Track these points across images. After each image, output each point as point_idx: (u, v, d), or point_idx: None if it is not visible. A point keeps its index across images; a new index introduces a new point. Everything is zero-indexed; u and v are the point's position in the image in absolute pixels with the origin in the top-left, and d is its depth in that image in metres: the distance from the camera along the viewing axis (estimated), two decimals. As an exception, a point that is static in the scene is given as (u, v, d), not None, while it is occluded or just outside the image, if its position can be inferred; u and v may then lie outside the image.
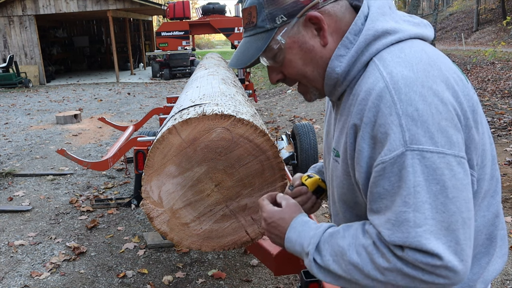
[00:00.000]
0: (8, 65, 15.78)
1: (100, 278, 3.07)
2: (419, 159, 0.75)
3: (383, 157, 0.78)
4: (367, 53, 0.87)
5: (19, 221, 4.08)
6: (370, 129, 0.80)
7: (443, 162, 0.75)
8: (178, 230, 1.64)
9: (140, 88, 15.01)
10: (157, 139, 1.58)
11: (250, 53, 0.93)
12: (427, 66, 0.81)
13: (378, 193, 0.80)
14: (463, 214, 0.76)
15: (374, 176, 0.80)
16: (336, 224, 1.05)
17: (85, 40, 24.29)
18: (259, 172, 1.60)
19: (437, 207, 0.75)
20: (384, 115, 0.78)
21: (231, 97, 2.09)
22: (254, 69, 19.23)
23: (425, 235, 0.74)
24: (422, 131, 0.75)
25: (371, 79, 0.83)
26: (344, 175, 0.93)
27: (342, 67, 0.89)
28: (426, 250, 0.74)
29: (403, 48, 0.85)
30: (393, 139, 0.76)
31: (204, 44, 56.65)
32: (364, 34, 0.87)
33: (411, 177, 0.75)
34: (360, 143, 0.82)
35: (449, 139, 0.76)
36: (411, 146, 0.75)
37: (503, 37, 20.49)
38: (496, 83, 9.97)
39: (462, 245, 0.76)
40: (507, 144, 5.46)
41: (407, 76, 0.79)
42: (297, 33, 0.90)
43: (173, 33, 6.52)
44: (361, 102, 0.83)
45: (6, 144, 7.13)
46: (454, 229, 0.75)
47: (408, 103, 0.76)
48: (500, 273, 2.89)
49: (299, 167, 4.38)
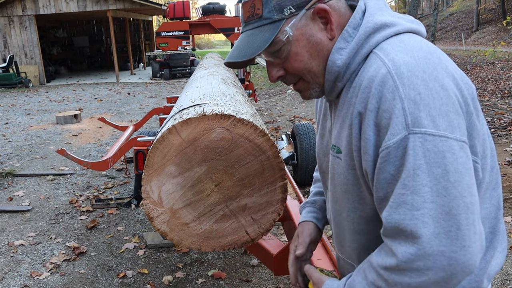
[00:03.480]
0: (8, 65, 15.78)
1: (100, 278, 3.07)
2: (421, 141, 0.75)
3: (387, 142, 0.78)
4: (367, 45, 0.87)
5: (19, 221, 4.08)
6: (374, 116, 0.80)
7: (445, 146, 0.75)
8: (178, 230, 1.64)
9: (140, 88, 15.01)
10: (157, 139, 1.58)
11: (256, 44, 0.90)
12: (427, 54, 0.82)
13: (385, 179, 0.80)
14: (466, 199, 0.75)
15: (380, 162, 0.80)
16: (337, 223, 1.05)
17: (85, 40, 24.29)
18: (259, 172, 1.60)
19: (438, 191, 0.74)
20: (388, 100, 0.78)
21: (231, 97, 2.09)
22: (254, 69, 19.23)
23: (422, 219, 0.74)
24: (425, 114, 0.75)
25: (373, 67, 0.83)
26: (348, 170, 0.92)
27: (342, 60, 0.89)
28: (418, 235, 0.74)
29: (402, 39, 0.86)
30: (395, 123, 0.76)
31: (204, 44, 56.65)
32: (364, 26, 0.88)
33: (411, 159, 0.75)
34: (366, 131, 0.82)
35: (451, 123, 0.76)
36: (413, 129, 0.75)
37: (503, 37, 20.49)
38: (496, 83, 9.96)
39: (464, 231, 0.74)
40: (507, 144, 5.46)
41: (409, 62, 0.80)
42: (305, 25, 0.89)
43: (173, 33, 6.51)
44: (365, 90, 0.83)
45: (6, 144, 7.13)
46: (456, 214, 0.74)
47: (411, 87, 0.77)
48: (500, 273, 2.88)
49: (299, 167, 4.38)
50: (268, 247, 2.11)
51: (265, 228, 1.69)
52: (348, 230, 1.00)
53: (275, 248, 2.10)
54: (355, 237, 0.99)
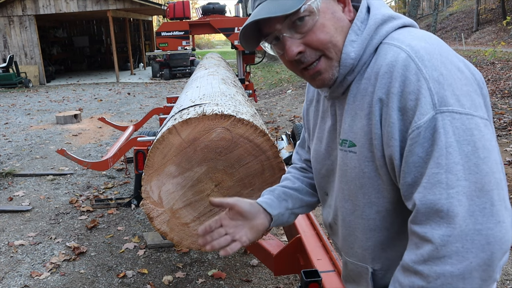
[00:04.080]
0: (8, 65, 15.78)
1: (100, 278, 3.07)
2: (449, 120, 0.76)
3: (417, 122, 0.78)
4: (377, 36, 0.89)
5: (19, 221, 4.08)
6: (398, 100, 0.81)
7: (472, 123, 0.76)
8: (178, 230, 1.64)
9: (140, 88, 15.01)
10: (157, 139, 1.58)
11: (288, 4, 0.87)
12: (439, 41, 0.85)
13: (414, 162, 0.79)
14: (496, 175, 0.75)
15: (409, 144, 0.79)
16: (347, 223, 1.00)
17: (85, 40, 24.29)
18: (259, 172, 1.60)
19: (470, 168, 0.74)
20: (412, 82, 0.79)
21: (231, 97, 2.09)
22: (254, 69, 19.22)
23: (457, 197, 0.74)
24: (449, 93, 0.77)
25: (390, 54, 0.84)
26: (365, 162, 0.90)
27: (356, 52, 0.90)
28: (454, 214, 0.73)
29: (410, 30, 0.89)
30: (424, 103, 0.77)
31: (204, 44, 56.64)
32: (373, 18, 0.91)
33: (443, 138, 0.75)
34: (392, 115, 0.82)
35: (473, 102, 0.78)
36: (440, 108, 0.76)
37: (503, 37, 20.48)
38: (496, 83, 9.96)
39: (497, 206, 0.74)
40: (507, 144, 5.46)
41: (425, 46, 0.82)
42: (328, 1, 0.91)
43: (173, 33, 6.51)
44: (384, 75, 0.84)
45: (6, 144, 7.13)
46: (488, 190, 0.74)
47: (433, 68, 0.79)
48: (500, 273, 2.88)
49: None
50: (268, 247, 2.11)
51: (265, 228, 1.68)
52: (362, 229, 0.97)
53: (275, 248, 2.10)
54: (370, 235, 0.96)
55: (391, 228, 0.92)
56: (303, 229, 2.16)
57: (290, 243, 2.07)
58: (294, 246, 2.06)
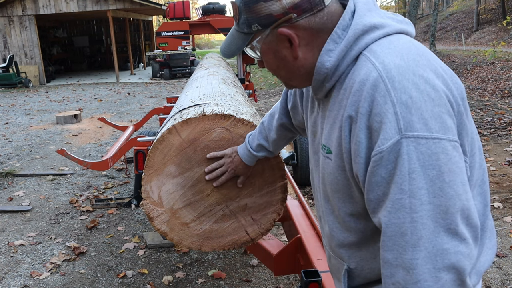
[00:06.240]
0: (8, 65, 15.78)
1: (100, 278, 3.07)
2: (414, 146, 0.75)
3: (380, 146, 0.78)
4: (356, 47, 0.88)
5: (19, 221, 4.08)
6: (366, 120, 0.81)
7: (438, 147, 0.75)
8: (178, 230, 1.64)
9: (140, 88, 15.01)
10: (157, 139, 1.58)
11: (233, 49, 1.01)
12: (416, 56, 0.83)
13: (376, 181, 0.80)
14: (461, 197, 0.76)
15: (372, 166, 0.80)
16: (328, 222, 1.05)
17: (85, 40, 24.29)
18: (259, 172, 1.60)
19: (434, 192, 0.75)
20: (379, 104, 0.78)
21: (231, 97, 2.09)
22: (254, 69, 19.22)
23: (421, 220, 0.75)
24: (417, 118, 0.76)
25: (364, 70, 0.84)
26: (338, 171, 0.92)
27: (331, 62, 0.90)
28: (419, 237, 0.75)
29: (392, 41, 0.87)
30: (388, 128, 0.77)
31: (204, 44, 56.64)
32: (353, 28, 0.88)
33: (406, 164, 0.75)
34: (358, 135, 0.82)
35: (443, 124, 0.77)
36: (406, 134, 0.76)
37: (503, 37, 20.49)
38: (496, 83, 9.97)
39: (461, 226, 0.76)
40: (507, 144, 5.46)
41: (399, 64, 0.81)
42: (271, 41, 0.93)
43: (173, 33, 6.52)
44: (356, 93, 0.83)
45: (6, 144, 7.13)
46: (453, 212, 0.75)
47: (402, 91, 0.77)
48: (500, 273, 2.89)
49: (299, 167, 4.38)
50: (268, 247, 2.11)
51: (265, 228, 1.69)
52: (339, 228, 1.01)
53: (275, 248, 2.10)
54: (346, 235, 1.00)
55: (365, 231, 0.95)
56: (303, 229, 2.16)
57: (290, 243, 2.07)
58: (294, 246, 2.06)
